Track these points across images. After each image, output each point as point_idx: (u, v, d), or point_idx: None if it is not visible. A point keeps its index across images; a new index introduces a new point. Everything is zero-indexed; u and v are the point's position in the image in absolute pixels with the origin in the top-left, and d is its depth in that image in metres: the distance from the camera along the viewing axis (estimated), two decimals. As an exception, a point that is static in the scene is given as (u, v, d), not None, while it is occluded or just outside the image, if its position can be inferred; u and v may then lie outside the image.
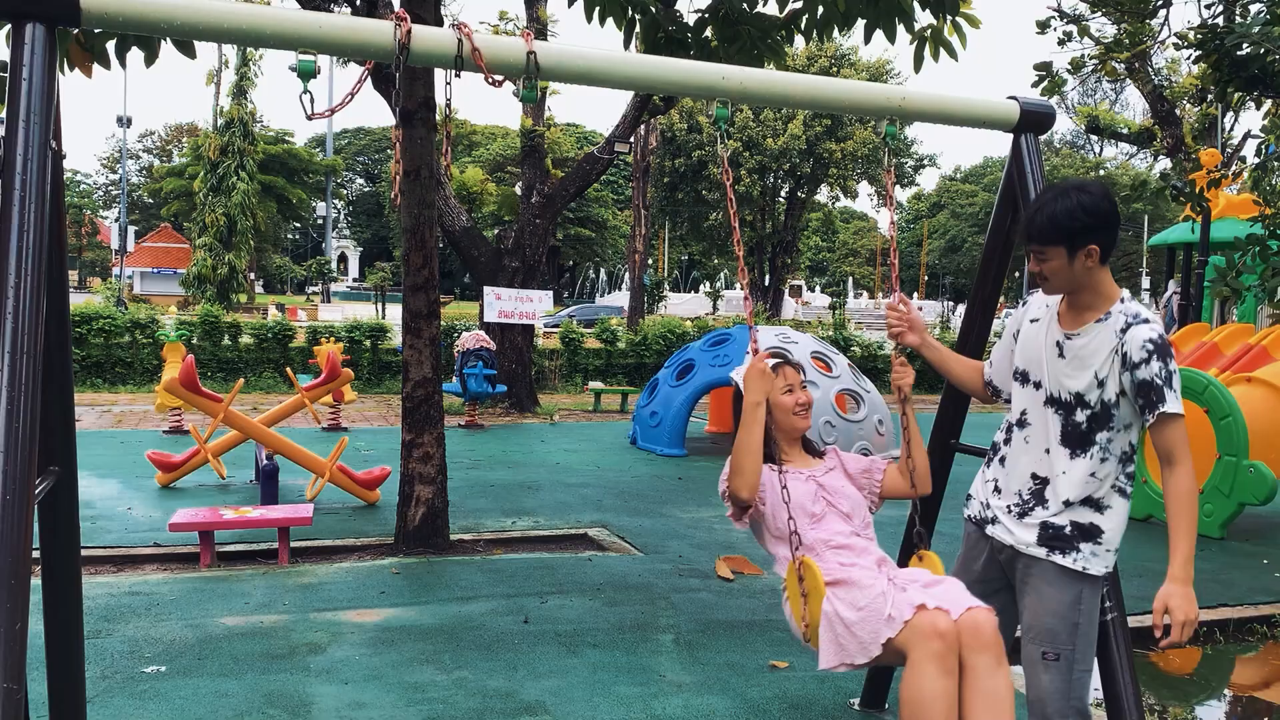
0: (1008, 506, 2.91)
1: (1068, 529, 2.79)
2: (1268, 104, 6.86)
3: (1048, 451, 2.84)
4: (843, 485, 3.20)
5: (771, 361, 3.24)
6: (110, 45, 4.90)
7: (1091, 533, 2.78)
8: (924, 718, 2.66)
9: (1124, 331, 2.70)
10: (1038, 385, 2.89)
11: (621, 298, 46.90)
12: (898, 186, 53.16)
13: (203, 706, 3.98)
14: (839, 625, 2.86)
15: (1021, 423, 2.93)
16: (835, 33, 6.39)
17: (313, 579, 5.85)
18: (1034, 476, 2.87)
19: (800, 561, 2.97)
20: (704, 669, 4.55)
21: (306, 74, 2.75)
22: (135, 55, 5.09)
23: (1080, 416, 2.78)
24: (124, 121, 45.63)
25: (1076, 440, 2.79)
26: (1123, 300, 2.79)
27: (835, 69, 39.09)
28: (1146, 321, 2.71)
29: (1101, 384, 2.74)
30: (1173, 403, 2.65)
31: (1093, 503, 2.79)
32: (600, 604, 5.51)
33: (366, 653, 4.64)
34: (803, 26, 6.43)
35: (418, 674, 4.39)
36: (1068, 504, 2.80)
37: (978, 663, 2.71)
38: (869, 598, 2.85)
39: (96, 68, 4.91)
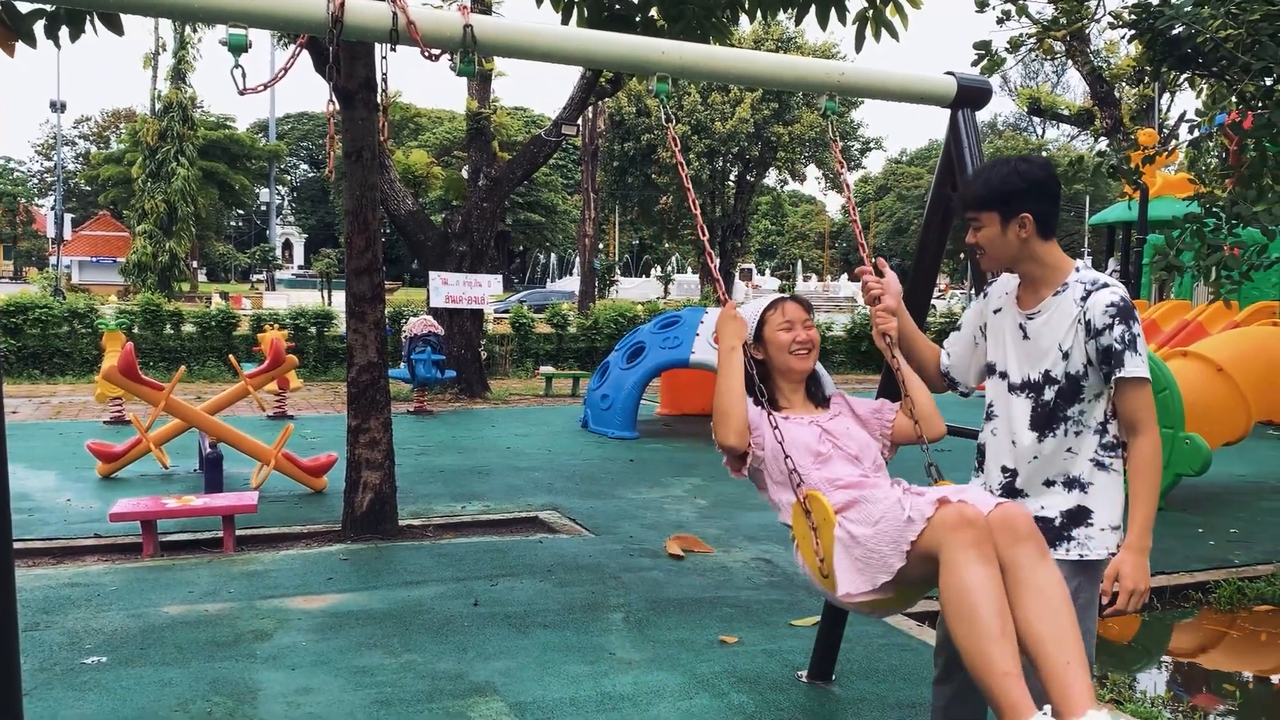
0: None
1: (1057, 520, 2.68)
2: (1203, 86, 7.00)
3: (1014, 442, 2.76)
4: (849, 428, 2.98)
5: (769, 300, 3.08)
6: (39, 25, 4.77)
7: (1080, 516, 2.68)
8: (974, 609, 2.34)
9: (1085, 299, 2.62)
10: (1003, 375, 2.82)
11: (572, 282, 46.77)
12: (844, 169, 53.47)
13: (145, 696, 3.92)
14: (855, 547, 2.62)
15: (989, 415, 2.86)
16: (780, 13, 6.40)
17: (258, 566, 5.77)
18: (1003, 470, 2.79)
19: (805, 495, 2.76)
20: (654, 646, 4.57)
21: (238, 48, 2.69)
22: (64, 36, 4.96)
23: (1049, 395, 2.69)
24: (58, 106, 44.37)
25: (1045, 420, 2.70)
26: (1078, 269, 2.72)
27: (782, 52, 39.20)
28: (1107, 286, 2.63)
29: (1067, 356, 2.65)
30: (1134, 366, 2.57)
31: (1075, 483, 2.69)
32: (551, 585, 5.51)
33: (313, 638, 4.60)
34: (746, 6, 6.43)
35: (365, 658, 4.36)
36: (1049, 484, 2.70)
37: (1018, 556, 2.42)
38: (882, 509, 2.62)
39: (23, 48, 4.77)
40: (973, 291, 3.24)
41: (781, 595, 5.42)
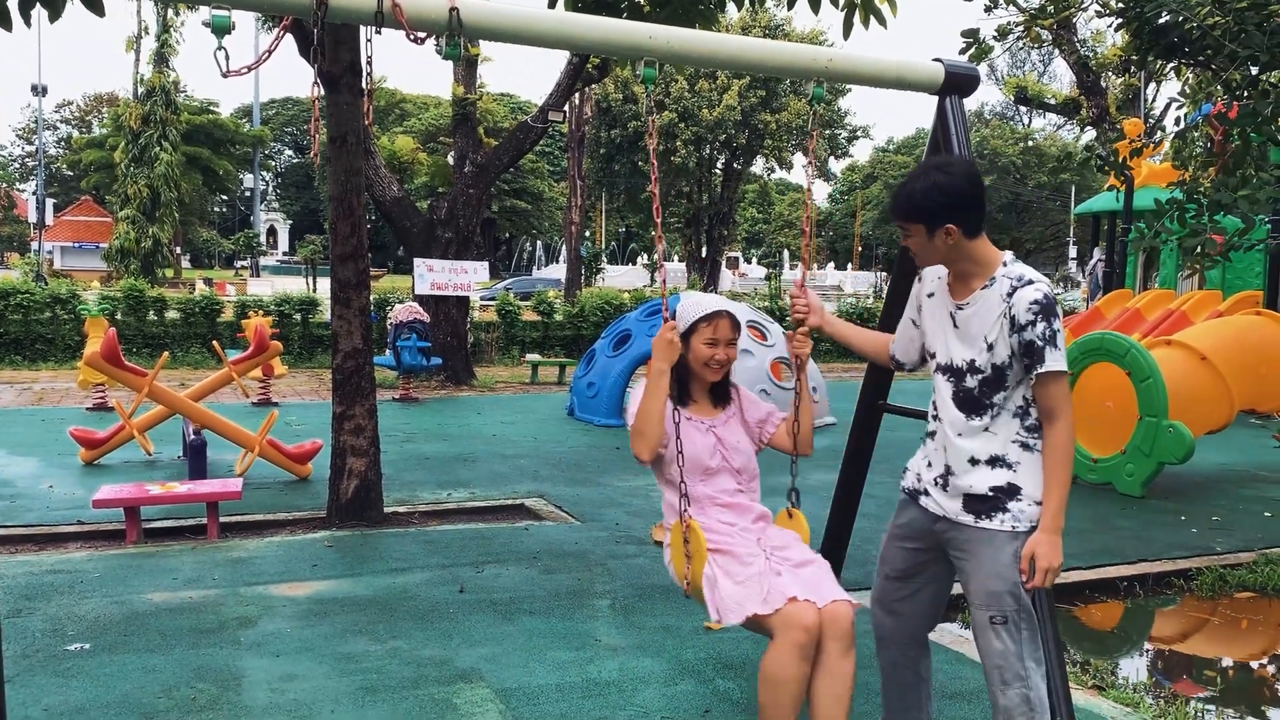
0: (933, 479, 2.96)
1: (989, 493, 2.81)
2: (1189, 75, 7.02)
3: (941, 419, 2.91)
4: (738, 439, 3.36)
5: (709, 309, 3.29)
6: (13, 3, 4.71)
7: (1012, 491, 2.80)
8: (779, 694, 2.97)
9: (1010, 295, 2.74)
10: (933, 356, 2.97)
11: (559, 270, 46.69)
12: (831, 157, 53.39)
13: (129, 682, 3.90)
14: (715, 589, 3.08)
15: (933, 395, 3.01)
16: (767, 1, 6.38)
17: (243, 553, 5.75)
18: (943, 448, 2.93)
19: (687, 525, 3.16)
20: (639, 632, 4.58)
21: (221, 29, 2.66)
22: (44, 18, 4.89)
23: (971, 382, 2.83)
24: (39, 90, 43.85)
25: (969, 405, 2.84)
26: (1005, 264, 2.82)
27: (769, 39, 39.14)
28: (1031, 283, 2.74)
29: (991, 348, 2.77)
30: (1053, 361, 2.71)
31: (1000, 461, 2.81)
32: (537, 572, 5.51)
33: (298, 625, 4.58)
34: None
35: (350, 645, 4.35)
36: (974, 462, 2.83)
37: (831, 648, 3.01)
38: (747, 575, 3.08)
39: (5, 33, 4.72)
40: None
41: (767, 582, 5.43)
